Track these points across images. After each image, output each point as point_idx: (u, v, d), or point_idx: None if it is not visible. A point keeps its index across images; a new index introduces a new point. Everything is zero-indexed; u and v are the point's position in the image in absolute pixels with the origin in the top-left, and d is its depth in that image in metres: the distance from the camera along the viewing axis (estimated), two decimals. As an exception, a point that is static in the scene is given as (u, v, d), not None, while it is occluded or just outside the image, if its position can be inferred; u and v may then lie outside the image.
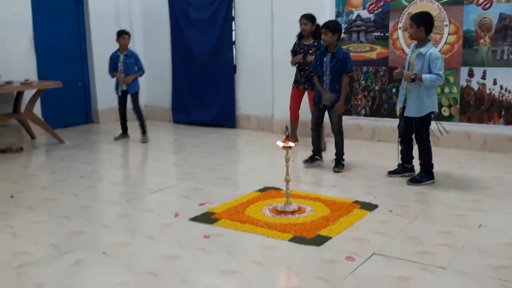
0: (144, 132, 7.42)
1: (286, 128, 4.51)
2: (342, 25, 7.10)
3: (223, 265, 3.37)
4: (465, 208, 4.40)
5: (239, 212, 4.31)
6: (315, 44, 6.38)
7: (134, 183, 5.40)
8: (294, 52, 6.58)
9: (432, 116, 5.03)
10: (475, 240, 3.71)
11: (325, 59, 5.52)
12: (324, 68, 5.53)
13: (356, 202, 4.55)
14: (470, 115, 6.48)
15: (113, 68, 7.43)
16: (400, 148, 5.32)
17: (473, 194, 4.79)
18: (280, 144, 4.29)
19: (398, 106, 5.22)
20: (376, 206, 4.44)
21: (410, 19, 4.97)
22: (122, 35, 7.34)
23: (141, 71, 7.46)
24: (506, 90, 6.23)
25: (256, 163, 6.18)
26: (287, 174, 4.31)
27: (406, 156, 5.29)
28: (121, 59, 7.35)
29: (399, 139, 5.28)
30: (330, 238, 3.77)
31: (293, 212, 4.25)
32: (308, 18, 6.43)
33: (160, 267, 3.34)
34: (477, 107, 6.42)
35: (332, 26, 5.45)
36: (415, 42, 5.05)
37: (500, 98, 6.27)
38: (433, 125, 5.18)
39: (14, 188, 5.18)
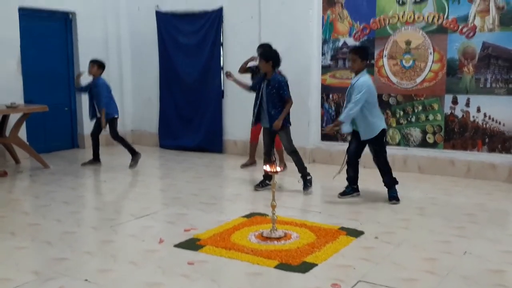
0: (132, 152, 7.23)
1: (273, 154, 4.54)
2: (328, 52, 7.23)
3: (207, 292, 3.34)
4: (450, 234, 4.41)
5: (225, 239, 4.28)
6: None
7: (118, 208, 5.35)
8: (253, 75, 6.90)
9: (384, 134, 5.40)
10: (460, 267, 3.71)
11: (262, 85, 5.73)
12: (261, 93, 5.74)
13: (342, 228, 4.55)
14: (454, 142, 6.55)
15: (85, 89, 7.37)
16: (344, 169, 5.54)
17: (458, 221, 4.81)
18: (267, 169, 4.30)
19: (348, 131, 5.48)
20: (361, 233, 4.44)
21: (353, 53, 5.36)
22: (90, 63, 7.26)
23: (100, 105, 7.14)
24: (489, 117, 6.32)
25: (242, 189, 6.16)
26: (273, 199, 4.31)
27: (354, 178, 5.57)
28: (91, 85, 7.27)
29: (346, 161, 5.50)
30: (316, 265, 3.76)
31: (279, 239, 4.23)
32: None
33: (143, 294, 3.30)
34: (461, 134, 6.50)
35: (265, 54, 5.69)
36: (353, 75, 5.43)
37: (484, 125, 6.35)
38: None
39: (-3, 213, 5.11)
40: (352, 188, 5.58)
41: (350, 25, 7.10)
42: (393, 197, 5.36)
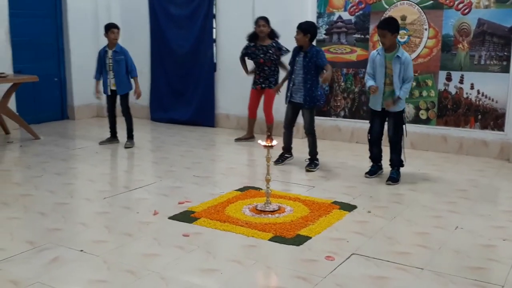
0: (130, 136, 6.92)
1: (268, 128, 4.54)
2: (323, 26, 7.17)
3: (202, 263, 3.35)
4: (442, 210, 4.46)
5: (219, 211, 4.29)
6: (274, 44, 6.83)
7: (111, 180, 5.33)
8: (250, 55, 6.94)
9: (404, 114, 5.37)
10: (452, 242, 3.76)
11: (297, 58, 5.67)
12: (296, 67, 5.69)
13: (335, 202, 4.58)
14: (447, 119, 6.58)
15: (101, 66, 6.80)
16: (368, 148, 5.56)
17: (450, 196, 4.85)
18: (262, 143, 4.29)
19: (375, 108, 5.31)
20: (354, 207, 4.47)
21: (381, 28, 5.13)
22: (111, 28, 6.67)
23: (133, 72, 6.75)
24: (482, 95, 6.33)
25: (235, 162, 6.16)
26: (268, 173, 4.31)
27: (379, 156, 5.52)
28: (109, 55, 6.70)
29: (370, 141, 5.50)
30: (310, 238, 3.79)
31: (273, 212, 4.25)
32: (266, 21, 6.81)
33: (138, 264, 3.31)
34: (454, 111, 6.52)
35: (303, 27, 5.58)
36: (380, 46, 5.26)
37: (477, 102, 6.38)
38: None
39: (-12, 184, 5.07)
40: (377, 166, 5.53)
41: (345, -1, 7.03)
42: (392, 178, 5.26)
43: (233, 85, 8.07)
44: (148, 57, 8.86)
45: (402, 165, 5.36)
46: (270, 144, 4.26)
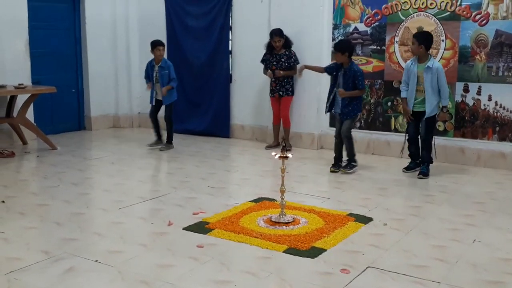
0: (169, 141, 7.43)
1: (283, 138, 4.54)
2: (339, 37, 7.16)
3: (217, 275, 3.34)
4: (459, 222, 4.40)
5: (233, 222, 4.28)
6: (286, 53, 7.19)
7: (127, 191, 5.35)
8: (266, 61, 7.31)
9: (437, 117, 6.00)
10: (469, 255, 3.70)
11: (339, 73, 6.04)
12: (337, 81, 6.05)
13: (351, 214, 4.54)
14: (464, 130, 6.51)
15: (147, 77, 7.41)
16: (407, 146, 6.12)
17: (467, 209, 4.79)
18: (277, 155, 4.27)
19: (411, 108, 5.91)
20: (370, 219, 4.43)
21: (413, 36, 5.85)
22: (157, 46, 7.20)
23: (173, 82, 7.23)
24: (500, 106, 6.26)
25: (250, 173, 6.16)
26: (282, 184, 4.30)
27: (416, 154, 6.05)
28: (156, 69, 7.25)
29: (407, 140, 6.08)
30: (325, 250, 3.75)
31: (287, 223, 4.23)
32: (281, 35, 7.10)
33: (152, 275, 3.30)
34: (472, 122, 6.46)
35: (339, 48, 5.97)
36: (414, 56, 5.87)
37: (495, 114, 6.30)
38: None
39: (5, 193, 5.12)
40: (415, 163, 6.06)
41: (361, 11, 7.02)
42: (423, 172, 5.84)
43: (248, 96, 8.10)
44: (165, 68, 8.92)
45: (432, 162, 5.96)
46: (284, 156, 4.25)
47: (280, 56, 7.17)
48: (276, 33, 7.08)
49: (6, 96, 7.22)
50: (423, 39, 5.69)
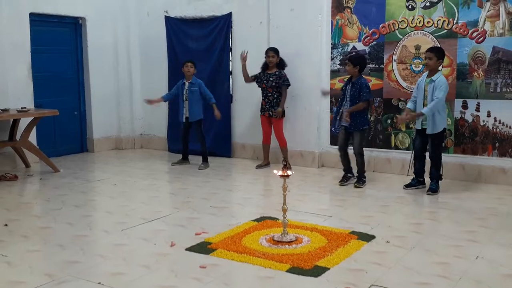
0: (204, 159, 7.62)
1: (284, 158, 4.56)
2: (337, 57, 7.24)
3: (220, 295, 3.34)
4: (461, 239, 4.40)
5: (236, 242, 4.29)
6: (277, 73, 7.23)
7: (129, 212, 5.37)
8: (257, 79, 7.41)
9: (445, 133, 6.05)
10: (472, 272, 3.70)
11: (348, 86, 6.24)
12: (346, 94, 6.24)
13: (353, 232, 4.55)
14: (464, 147, 6.54)
15: (177, 94, 7.63)
16: (413, 163, 6.12)
17: (469, 225, 4.80)
18: (278, 173, 4.30)
19: (416, 126, 6.02)
20: (373, 237, 4.44)
21: (430, 51, 5.83)
22: (185, 63, 7.51)
23: (211, 99, 7.50)
24: (500, 122, 6.30)
25: (252, 192, 6.17)
26: (284, 203, 4.32)
27: (420, 171, 6.06)
28: (186, 87, 7.51)
29: (413, 156, 6.09)
30: (328, 268, 3.76)
31: (290, 242, 4.24)
32: (275, 52, 7.22)
33: (156, 297, 3.31)
34: (471, 138, 6.48)
35: (353, 60, 6.24)
36: (426, 72, 5.94)
37: (494, 130, 6.34)
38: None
39: (8, 216, 5.14)
40: (418, 181, 6.08)
41: (359, 30, 7.11)
42: (432, 189, 5.84)
43: (249, 116, 8.15)
44: (166, 89, 8.97)
45: (441, 178, 5.94)
46: (286, 174, 4.27)
47: (270, 75, 7.26)
48: (271, 49, 7.24)
49: (9, 119, 7.28)
50: (442, 55, 5.82)
